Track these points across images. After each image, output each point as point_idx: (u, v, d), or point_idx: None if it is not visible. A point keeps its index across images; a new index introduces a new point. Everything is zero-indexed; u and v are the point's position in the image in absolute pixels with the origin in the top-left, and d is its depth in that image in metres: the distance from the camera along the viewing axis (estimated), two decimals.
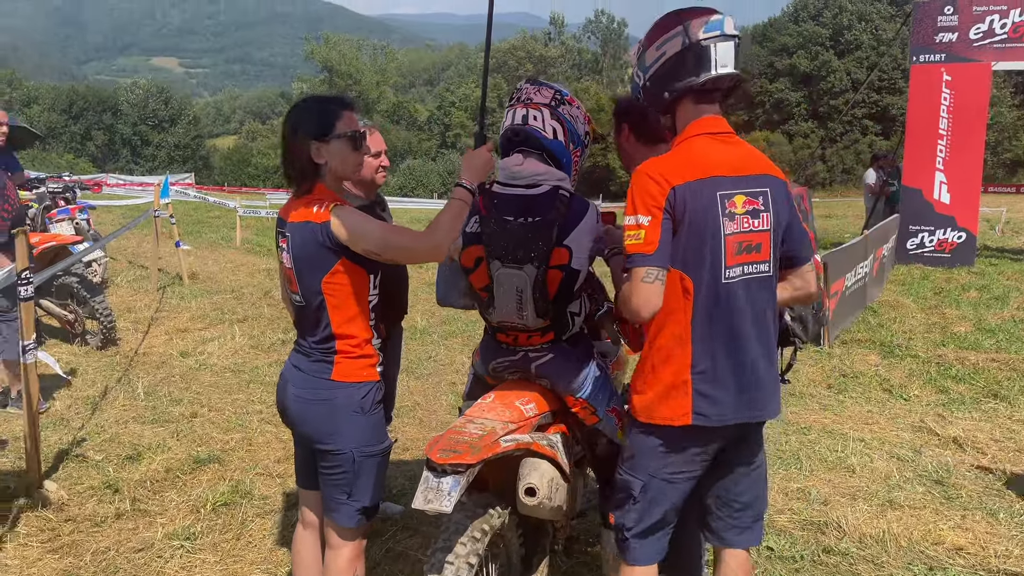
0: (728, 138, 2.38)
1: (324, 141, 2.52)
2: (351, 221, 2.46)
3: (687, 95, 2.37)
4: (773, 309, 2.42)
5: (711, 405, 2.32)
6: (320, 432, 2.56)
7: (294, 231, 2.53)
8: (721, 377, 2.33)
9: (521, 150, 2.78)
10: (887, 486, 4.48)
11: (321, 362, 2.58)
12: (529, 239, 2.68)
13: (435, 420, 5.57)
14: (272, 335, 7.90)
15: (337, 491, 2.59)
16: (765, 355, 2.39)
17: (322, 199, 2.52)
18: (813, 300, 2.61)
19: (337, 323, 2.55)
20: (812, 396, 6.31)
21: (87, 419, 5.33)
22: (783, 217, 2.38)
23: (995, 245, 15.20)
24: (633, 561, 2.48)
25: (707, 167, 2.30)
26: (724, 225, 2.28)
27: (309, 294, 2.55)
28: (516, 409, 2.64)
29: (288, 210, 2.61)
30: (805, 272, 2.51)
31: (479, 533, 2.37)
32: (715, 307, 2.30)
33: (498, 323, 2.87)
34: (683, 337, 2.32)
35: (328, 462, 2.58)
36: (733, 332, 2.32)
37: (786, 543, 3.76)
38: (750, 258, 2.33)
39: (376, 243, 2.46)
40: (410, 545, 3.74)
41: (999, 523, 4.00)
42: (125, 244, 13.56)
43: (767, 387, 2.39)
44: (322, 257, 2.49)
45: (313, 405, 2.57)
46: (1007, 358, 7.22)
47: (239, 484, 4.31)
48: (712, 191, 2.28)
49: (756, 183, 2.34)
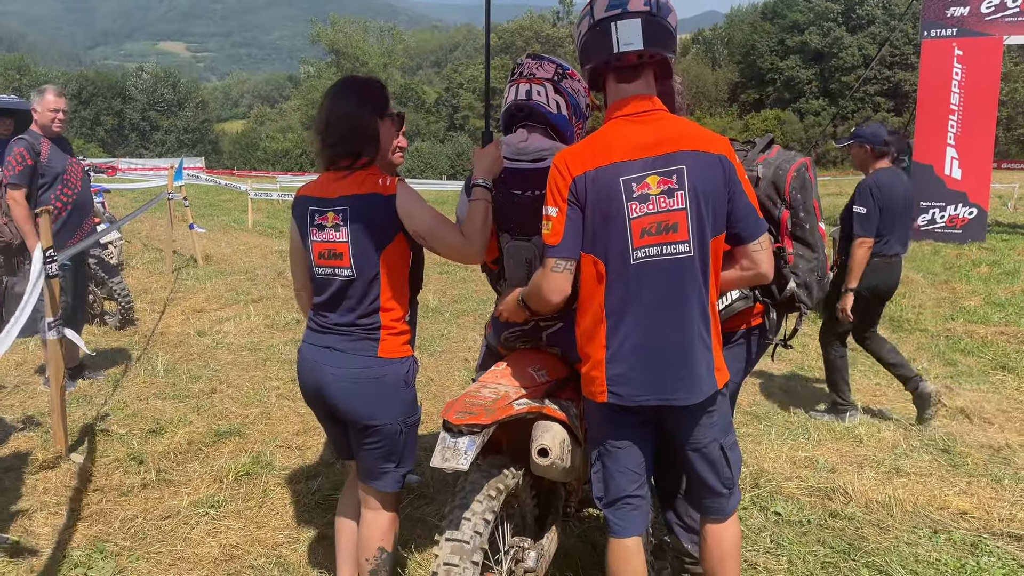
0: (647, 116, 2.33)
1: (381, 117, 2.64)
2: (412, 200, 2.57)
3: (607, 73, 2.39)
4: (696, 290, 2.33)
5: (624, 385, 2.35)
6: (368, 410, 2.62)
7: (356, 203, 2.57)
8: (632, 358, 2.33)
9: (525, 125, 2.84)
10: (894, 454, 4.56)
11: (365, 340, 2.63)
12: (537, 211, 2.74)
13: (448, 395, 5.67)
14: (287, 314, 8.01)
15: (383, 461, 2.69)
16: (683, 337, 2.33)
17: (381, 173, 2.62)
18: (765, 281, 2.54)
19: (386, 297, 2.63)
20: (820, 369, 6.37)
21: (109, 396, 5.46)
22: (709, 193, 2.29)
23: (1007, 221, 15.17)
24: (611, 533, 2.55)
25: (611, 153, 2.30)
26: (630, 209, 2.28)
27: (365, 267, 2.59)
28: (528, 375, 2.72)
29: (327, 186, 2.64)
30: (752, 251, 2.42)
31: (494, 492, 2.47)
32: (626, 288, 2.31)
33: None
34: (599, 318, 2.37)
35: (375, 437, 2.65)
36: (646, 313, 2.31)
37: (794, 508, 3.85)
38: (667, 238, 2.29)
39: (426, 229, 2.57)
40: (427, 512, 3.85)
41: (1003, 488, 4.07)
42: (139, 227, 13.71)
43: (685, 369, 2.34)
44: (386, 229, 2.58)
45: (362, 384, 2.61)
46: (1016, 331, 7.27)
47: (260, 455, 4.43)
48: (614, 177, 2.28)
49: (670, 161, 2.28)
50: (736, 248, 2.43)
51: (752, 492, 4.02)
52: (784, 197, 2.75)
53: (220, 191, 21.92)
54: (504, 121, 2.88)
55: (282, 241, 13.45)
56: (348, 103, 2.62)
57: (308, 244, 2.70)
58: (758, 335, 3.00)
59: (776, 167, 2.76)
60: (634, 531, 2.54)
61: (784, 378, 6.10)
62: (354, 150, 2.62)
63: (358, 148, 2.62)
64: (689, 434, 2.49)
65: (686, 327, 2.33)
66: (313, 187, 2.72)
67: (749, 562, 3.34)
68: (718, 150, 2.32)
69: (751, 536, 3.56)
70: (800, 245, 2.78)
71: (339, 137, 2.61)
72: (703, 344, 2.35)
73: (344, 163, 2.63)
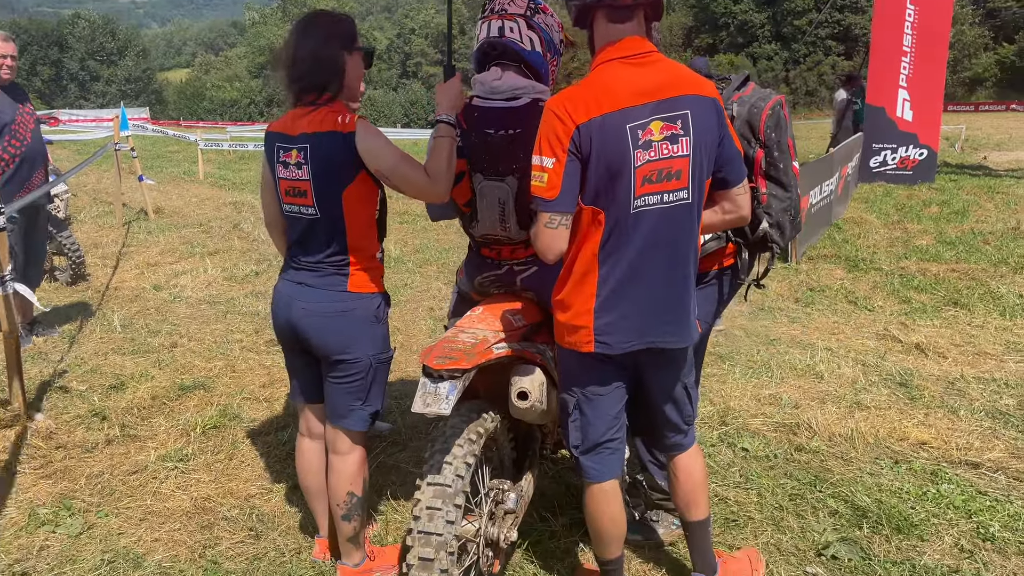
0: (644, 59, 2.25)
1: (349, 52, 2.57)
2: (373, 137, 2.52)
3: (597, 11, 2.29)
4: (691, 237, 2.33)
5: (612, 333, 2.32)
6: (339, 343, 2.63)
7: (316, 141, 2.53)
8: (623, 305, 2.31)
9: (498, 63, 2.76)
10: (854, 390, 4.67)
11: (335, 275, 2.64)
12: (510, 150, 2.71)
13: (415, 344, 5.65)
14: (245, 267, 7.86)
15: (351, 398, 2.70)
16: (676, 282, 2.34)
17: (344, 111, 2.55)
18: (743, 224, 2.55)
19: (352, 235, 2.61)
20: (780, 310, 6.49)
21: (66, 352, 5.32)
22: (708, 138, 2.26)
23: (954, 162, 15.48)
24: (587, 478, 2.56)
25: (616, 98, 2.20)
26: (636, 157, 2.20)
27: (327, 206, 2.57)
28: (505, 319, 2.71)
29: (293, 123, 2.60)
30: (735, 195, 2.40)
31: (475, 436, 2.46)
32: (623, 237, 2.27)
33: (482, 236, 2.91)
34: (591, 264, 2.32)
35: (344, 371, 2.67)
36: (640, 261, 2.28)
37: (760, 444, 3.93)
38: (667, 186, 2.24)
39: (388, 167, 2.52)
40: (400, 459, 3.85)
41: (960, 419, 4.21)
42: (84, 180, 13.26)
43: (676, 313, 2.36)
44: (346, 168, 2.53)
45: (331, 318, 2.62)
46: (967, 268, 7.46)
47: (226, 408, 4.37)
48: (621, 124, 2.20)
49: (675, 106, 2.21)
50: (719, 192, 2.40)
51: (719, 429, 4.09)
52: (759, 136, 2.73)
53: (168, 142, 21.27)
54: (476, 59, 2.80)
55: (235, 192, 13.14)
56: (315, 37, 2.57)
57: (276, 181, 2.69)
58: (730, 275, 3.01)
59: (751, 105, 2.74)
60: (611, 474, 2.57)
61: (745, 318, 6.19)
62: (318, 84, 2.58)
63: (322, 83, 2.58)
64: (663, 375, 2.51)
65: (679, 272, 2.34)
66: (280, 123, 2.69)
67: (720, 496, 3.42)
68: (712, 94, 2.28)
69: (720, 472, 3.64)
70: (773, 185, 2.77)
71: (304, 70, 2.57)
72: (685, 288, 2.36)
73: (309, 98, 2.59)
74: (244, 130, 24.04)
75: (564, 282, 2.40)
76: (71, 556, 3.07)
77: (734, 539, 3.11)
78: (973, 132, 21.01)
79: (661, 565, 2.95)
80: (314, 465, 2.93)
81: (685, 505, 2.66)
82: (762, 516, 3.27)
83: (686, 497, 2.65)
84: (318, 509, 3.00)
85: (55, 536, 3.20)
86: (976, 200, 10.99)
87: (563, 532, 3.15)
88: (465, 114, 2.74)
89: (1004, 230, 9.01)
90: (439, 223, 10.61)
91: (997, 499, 3.37)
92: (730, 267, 3.01)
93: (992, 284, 6.92)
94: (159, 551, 3.11)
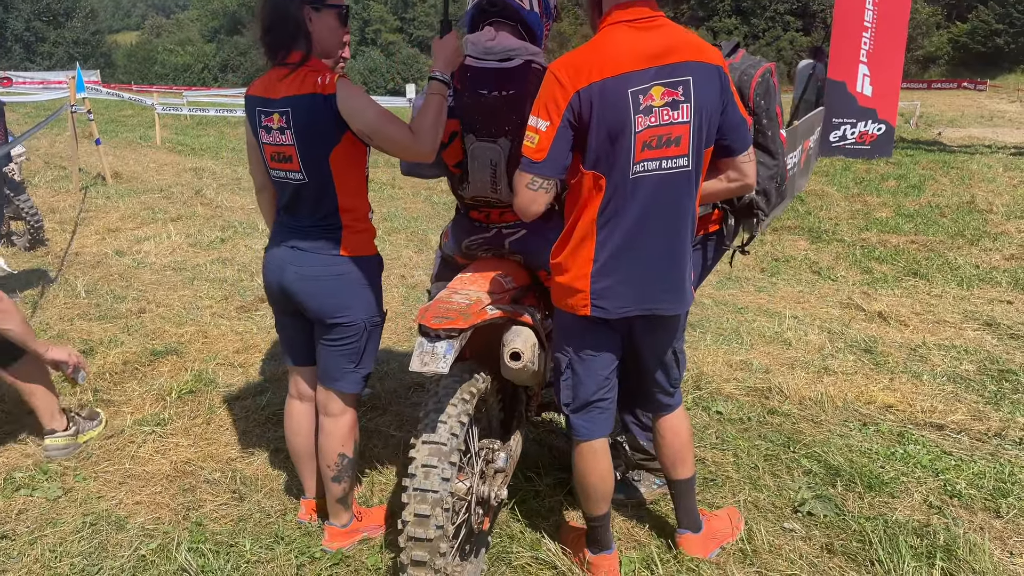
0: (650, 23, 2.24)
1: (316, 9, 2.49)
2: (354, 97, 2.45)
3: None
4: (690, 204, 2.35)
5: (609, 298, 2.35)
6: (334, 306, 2.61)
7: (297, 104, 2.47)
8: (620, 270, 2.33)
9: (493, 22, 2.75)
10: (821, 356, 4.80)
11: (327, 239, 2.60)
12: (504, 112, 2.70)
13: (389, 310, 5.61)
14: (210, 233, 7.73)
15: (344, 361, 2.69)
16: (673, 249, 2.36)
17: (323, 70, 2.49)
18: (748, 191, 2.59)
19: (343, 197, 2.58)
20: (747, 280, 6.61)
21: (29, 317, 5.20)
22: (710, 106, 2.27)
23: (910, 137, 15.80)
24: (577, 436, 2.61)
25: (619, 62, 2.20)
26: (636, 122, 2.20)
27: (314, 169, 2.53)
28: (496, 281, 2.72)
29: (272, 85, 2.53)
30: (740, 163, 2.42)
31: (468, 395, 2.48)
32: (622, 201, 2.28)
33: (472, 198, 2.91)
34: (590, 229, 2.33)
35: (338, 334, 2.65)
36: (638, 227, 2.30)
37: (734, 407, 4.02)
38: (667, 152, 2.25)
39: (370, 127, 2.46)
40: (381, 423, 3.86)
41: (923, 384, 4.35)
42: (37, 143, 12.85)
43: (672, 281, 2.38)
44: (330, 129, 2.48)
45: (326, 281, 2.60)
46: (925, 239, 7.68)
47: (201, 373, 4.32)
48: (623, 88, 2.19)
49: (676, 72, 2.21)
50: (723, 159, 2.42)
51: (694, 394, 4.18)
52: (748, 103, 2.76)
53: (122, 106, 20.68)
54: (470, 17, 2.76)
55: (195, 158, 12.87)
56: None
57: (260, 146, 2.63)
58: (715, 241, 3.07)
59: (741, 72, 2.77)
60: (601, 433, 2.61)
61: (713, 287, 6.29)
62: (283, 42, 2.51)
63: (287, 41, 2.51)
64: (656, 341, 2.55)
65: (678, 239, 2.36)
66: (260, 85, 2.62)
67: (698, 457, 3.49)
68: (716, 61, 2.28)
69: (698, 434, 3.72)
70: (761, 152, 2.81)
71: (268, 26, 2.51)
72: (682, 255, 2.39)
73: (279, 56, 2.53)
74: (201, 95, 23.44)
75: (563, 245, 2.42)
76: (51, 519, 3.03)
77: (713, 498, 3.20)
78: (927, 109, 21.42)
79: (644, 522, 3.02)
80: (303, 427, 2.92)
81: (672, 464, 2.72)
82: (739, 475, 3.36)
83: (673, 456, 2.71)
84: (305, 471, 3.00)
85: (33, 500, 3.16)
86: (932, 175, 11.25)
87: (548, 491, 3.20)
88: (459, 73, 2.72)
89: (959, 203, 9.26)
90: (407, 189, 10.54)
91: (961, 459, 3.50)
92: (715, 233, 3.07)
93: (949, 256, 7.13)
94: (141, 513, 3.09)
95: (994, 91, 31.06)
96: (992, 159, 12.53)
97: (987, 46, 44.55)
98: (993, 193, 9.76)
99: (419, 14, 64.92)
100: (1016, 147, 13.89)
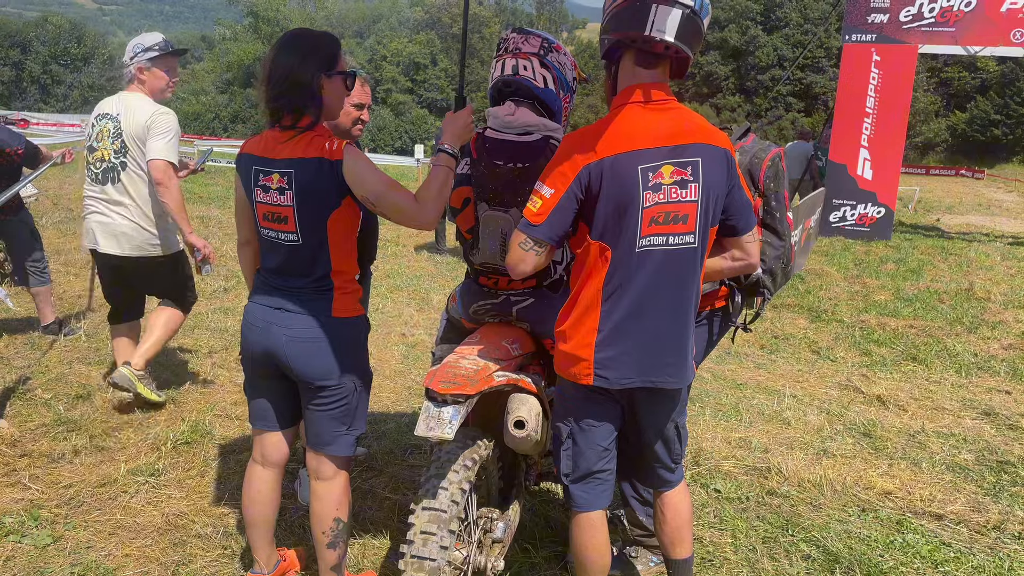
0: (662, 105, 2.33)
1: (328, 76, 2.51)
2: (360, 164, 2.46)
3: (627, 51, 2.36)
4: (694, 281, 2.40)
5: (612, 368, 2.37)
6: (323, 368, 2.56)
7: (301, 167, 2.46)
8: (624, 341, 2.36)
9: (513, 99, 2.83)
10: (820, 437, 4.78)
11: (317, 300, 2.57)
12: (517, 183, 2.76)
13: (387, 369, 5.63)
14: (213, 282, 7.77)
15: (336, 424, 2.64)
16: (677, 324, 2.39)
17: (330, 136, 2.51)
18: (752, 271, 2.64)
19: (336, 260, 2.56)
20: (747, 355, 6.62)
21: (29, 359, 5.19)
22: (718, 187, 2.34)
23: (909, 222, 15.98)
24: (576, 507, 2.59)
25: (632, 140, 2.28)
26: (645, 197, 2.26)
27: (310, 232, 2.52)
28: (503, 347, 2.74)
29: (272, 146, 2.52)
30: (745, 243, 2.49)
31: (470, 462, 2.48)
32: (627, 274, 2.32)
33: (481, 265, 2.95)
34: (595, 299, 2.37)
35: (328, 396, 2.60)
36: (643, 299, 2.33)
37: (732, 486, 3.99)
38: (674, 229, 2.31)
39: (373, 193, 2.46)
40: (376, 484, 3.83)
41: (922, 471, 4.33)
42: (46, 184, 12.96)
43: (675, 355, 2.41)
44: (331, 194, 2.48)
45: (315, 343, 2.55)
46: (924, 325, 7.70)
47: (198, 424, 4.30)
48: (634, 164, 2.26)
49: (687, 153, 2.29)
50: (728, 239, 2.48)
51: (693, 470, 4.15)
52: (758, 186, 2.83)
53: None
54: (491, 97, 2.87)
55: (203, 207, 12.98)
56: (292, 56, 2.48)
57: (253, 204, 2.60)
58: (721, 317, 3.10)
59: (752, 156, 2.84)
60: (600, 504, 2.60)
61: (712, 362, 6.30)
62: (294, 107, 2.49)
63: (299, 105, 2.49)
64: (657, 413, 2.55)
65: (681, 314, 2.39)
66: (257, 144, 2.59)
67: (696, 536, 3.45)
68: (724, 144, 2.37)
69: (696, 512, 3.68)
70: (769, 233, 2.87)
71: (279, 91, 2.49)
72: (685, 330, 2.42)
73: (286, 121, 2.51)
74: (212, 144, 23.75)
75: (568, 313, 2.45)
76: (39, 568, 2.98)
77: None
78: (926, 194, 21.74)
79: None
80: (263, 494, 2.81)
81: (670, 542, 2.69)
82: (737, 557, 3.32)
83: (672, 535, 2.68)
84: (261, 542, 2.85)
85: (21, 547, 3.11)
86: (930, 260, 11.36)
87: (543, 564, 3.16)
88: (476, 143, 2.79)
89: (958, 290, 9.32)
90: (410, 247, 10.62)
91: (960, 551, 3.47)
92: (721, 309, 3.10)
93: (948, 342, 7.15)
94: (130, 567, 3.04)
95: (991, 180, 31.57)
96: (990, 247, 12.67)
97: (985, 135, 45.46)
98: (991, 281, 9.84)
99: (429, 76, 66.32)
100: (1014, 236, 14.06)
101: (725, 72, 61.20)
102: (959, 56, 18.81)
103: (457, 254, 9.86)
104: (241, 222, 2.76)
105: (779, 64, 57.37)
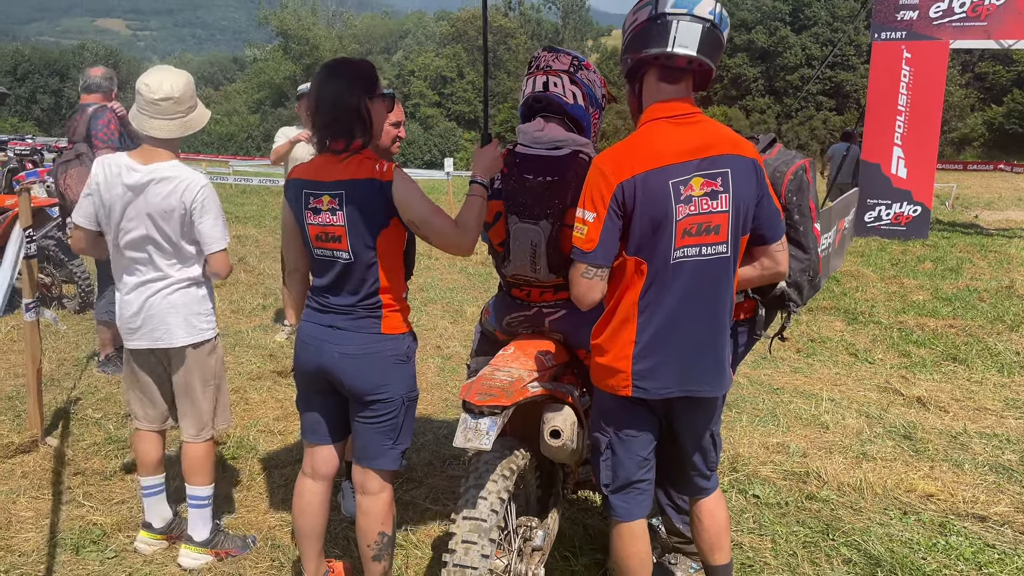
0: (688, 119, 2.37)
1: (371, 99, 2.63)
2: (408, 187, 2.60)
3: (650, 68, 2.39)
4: (728, 289, 2.43)
5: (650, 379, 2.40)
6: (373, 383, 2.66)
7: (353, 188, 2.58)
8: (661, 352, 2.39)
9: (543, 115, 2.90)
10: (859, 440, 4.75)
11: (368, 318, 2.68)
12: (546, 196, 2.82)
13: (424, 381, 5.70)
14: (252, 300, 7.93)
15: (383, 438, 2.72)
16: (713, 333, 2.43)
17: (378, 159, 2.63)
18: (781, 279, 2.67)
19: (384, 278, 2.67)
20: (783, 360, 6.59)
21: (78, 380, 5.35)
22: (747, 196, 2.37)
23: (946, 219, 15.76)
24: (616, 517, 2.62)
25: (661, 155, 2.31)
26: (677, 211, 2.30)
27: (362, 251, 2.62)
28: (537, 359, 2.79)
29: (323, 169, 2.64)
30: (774, 251, 2.52)
31: (508, 472, 2.53)
32: (663, 286, 2.36)
33: (512, 276, 3.01)
34: (632, 311, 2.40)
35: (376, 411, 2.69)
36: (679, 310, 2.37)
37: (771, 491, 3.99)
38: (706, 239, 2.35)
39: (419, 217, 2.59)
40: (416, 495, 3.89)
41: (964, 473, 4.29)
42: None
43: (712, 364, 2.44)
44: (381, 214, 2.60)
45: (367, 359, 2.66)
46: (963, 324, 7.60)
47: (243, 440, 4.40)
48: (665, 179, 2.30)
49: (716, 164, 2.33)
50: (757, 248, 2.51)
51: (730, 476, 4.16)
52: (781, 199, 2.83)
53: None
54: (523, 113, 2.95)
55: (239, 227, 13.24)
56: (337, 84, 2.61)
57: (304, 227, 2.71)
58: (747, 329, 3.12)
59: (775, 168, 2.86)
60: (640, 514, 2.63)
61: (748, 367, 6.28)
62: (346, 132, 2.62)
63: (349, 129, 2.62)
64: (695, 422, 2.58)
65: (717, 322, 2.43)
66: (307, 170, 2.72)
67: (735, 542, 3.47)
68: (752, 155, 2.41)
69: (734, 517, 3.69)
70: (793, 246, 2.87)
71: (330, 118, 2.61)
72: (721, 339, 2.45)
73: (338, 145, 2.63)
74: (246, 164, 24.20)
75: (604, 326, 2.49)
76: None
77: None
78: (963, 191, 21.46)
79: None
80: (314, 506, 2.90)
81: (709, 549, 2.71)
82: (777, 562, 3.33)
83: (710, 541, 2.71)
84: (310, 553, 2.94)
85: (81, 561, 3.22)
86: (969, 258, 11.20)
87: (583, 572, 3.20)
88: (507, 158, 2.86)
89: (998, 288, 9.18)
90: (443, 260, 10.73)
91: (1005, 552, 3.43)
92: (747, 320, 3.11)
93: (989, 341, 7.05)
94: None
95: None
96: None
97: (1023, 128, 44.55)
98: None
99: (457, 90, 66.77)
100: None
101: (754, 74, 60.83)
102: (992, 50, 18.53)
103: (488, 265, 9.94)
104: (290, 249, 2.86)
105: (808, 63, 56.87)
